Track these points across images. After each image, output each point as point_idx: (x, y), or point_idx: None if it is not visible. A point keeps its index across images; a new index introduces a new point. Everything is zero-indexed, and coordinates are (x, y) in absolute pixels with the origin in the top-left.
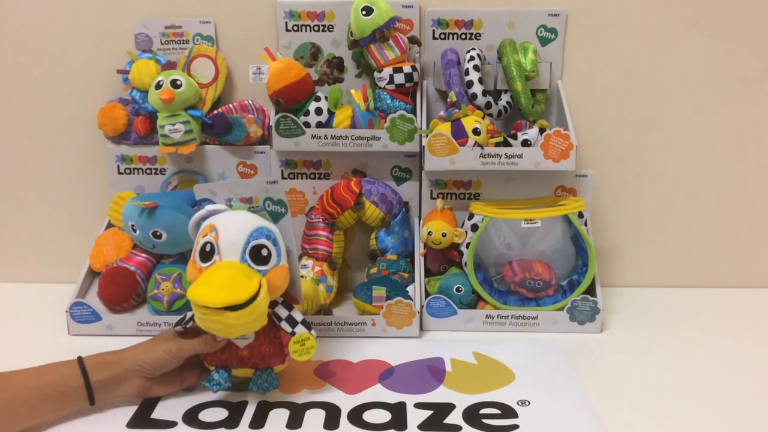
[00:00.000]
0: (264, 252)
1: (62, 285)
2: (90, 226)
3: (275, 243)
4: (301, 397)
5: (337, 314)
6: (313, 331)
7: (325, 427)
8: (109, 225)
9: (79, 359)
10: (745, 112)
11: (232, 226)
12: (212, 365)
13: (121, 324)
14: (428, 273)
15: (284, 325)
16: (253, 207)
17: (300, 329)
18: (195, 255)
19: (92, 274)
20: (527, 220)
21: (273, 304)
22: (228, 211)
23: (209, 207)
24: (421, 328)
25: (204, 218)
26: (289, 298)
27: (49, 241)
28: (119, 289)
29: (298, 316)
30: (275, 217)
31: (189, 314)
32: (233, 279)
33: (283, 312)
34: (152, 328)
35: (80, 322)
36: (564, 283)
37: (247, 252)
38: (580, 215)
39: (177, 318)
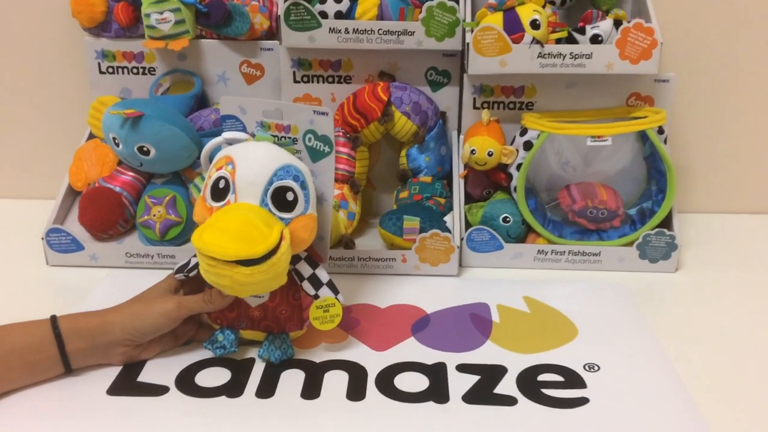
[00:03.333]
0: (289, 196)
1: (41, 201)
2: (69, 136)
3: (304, 186)
4: (319, 354)
5: (360, 246)
6: (340, 296)
7: (349, 396)
8: (92, 136)
9: (53, 321)
10: None
11: (253, 161)
12: (217, 324)
13: (107, 254)
14: (468, 198)
15: (306, 286)
16: (284, 137)
17: (325, 292)
18: (206, 191)
19: (73, 193)
20: (595, 137)
21: (295, 260)
22: (250, 141)
23: (227, 134)
24: (460, 265)
25: (220, 147)
26: (313, 254)
27: (22, 153)
28: (103, 214)
29: (324, 276)
30: (314, 156)
31: (194, 260)
32: (249, 226)
33: (306, 269)
34: (144, 259)
35: (59, 251)
36: (633, 212)
37: (269, 194)
38: (660, 130)
39: (172, 249)
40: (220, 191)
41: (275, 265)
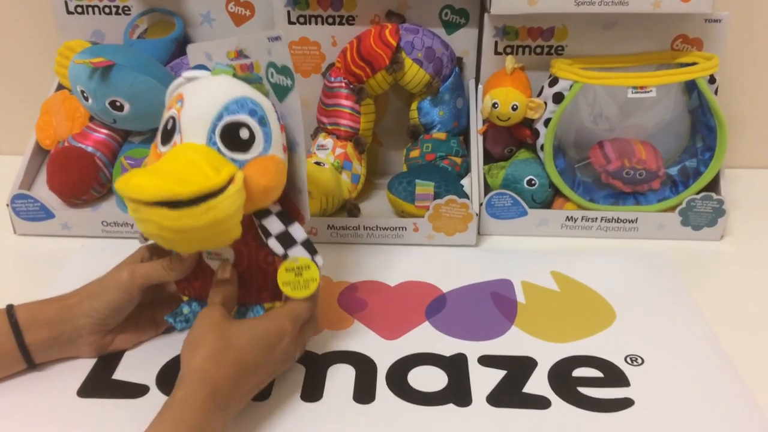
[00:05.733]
0: (243, 133)
1: (5, 157)
2: (35, 86)
3: (263, 122)
4: (321, 343)
5: (366, 212)
6: (318, 258)
7: (356, 398)
8: (61, 86)
9: (9, 310)
10: None
11: (201, 96)
12: (185, 295)
13: (81, 222)
14: (488, 157)
15: (273, 244)
16: (251, 74)
17: (297, 252)
18: (158, 135)
19: (42, 152)
20: (637, 88)
21: (262, 214)
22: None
23: (187, 72)
24: (479, 233)
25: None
26: (292, 211)
27: None
28: (74, 178)
29: (299, 234)
30: (280, 93)
31: None
32: (190, 167)
33: (275, 225)
34: (122, 228)
35: (27, 219)
36: (674, 171)
37: (218, 131)
38: (711, 80)
39: None
40: (167, 132)
41: (213, 209)
